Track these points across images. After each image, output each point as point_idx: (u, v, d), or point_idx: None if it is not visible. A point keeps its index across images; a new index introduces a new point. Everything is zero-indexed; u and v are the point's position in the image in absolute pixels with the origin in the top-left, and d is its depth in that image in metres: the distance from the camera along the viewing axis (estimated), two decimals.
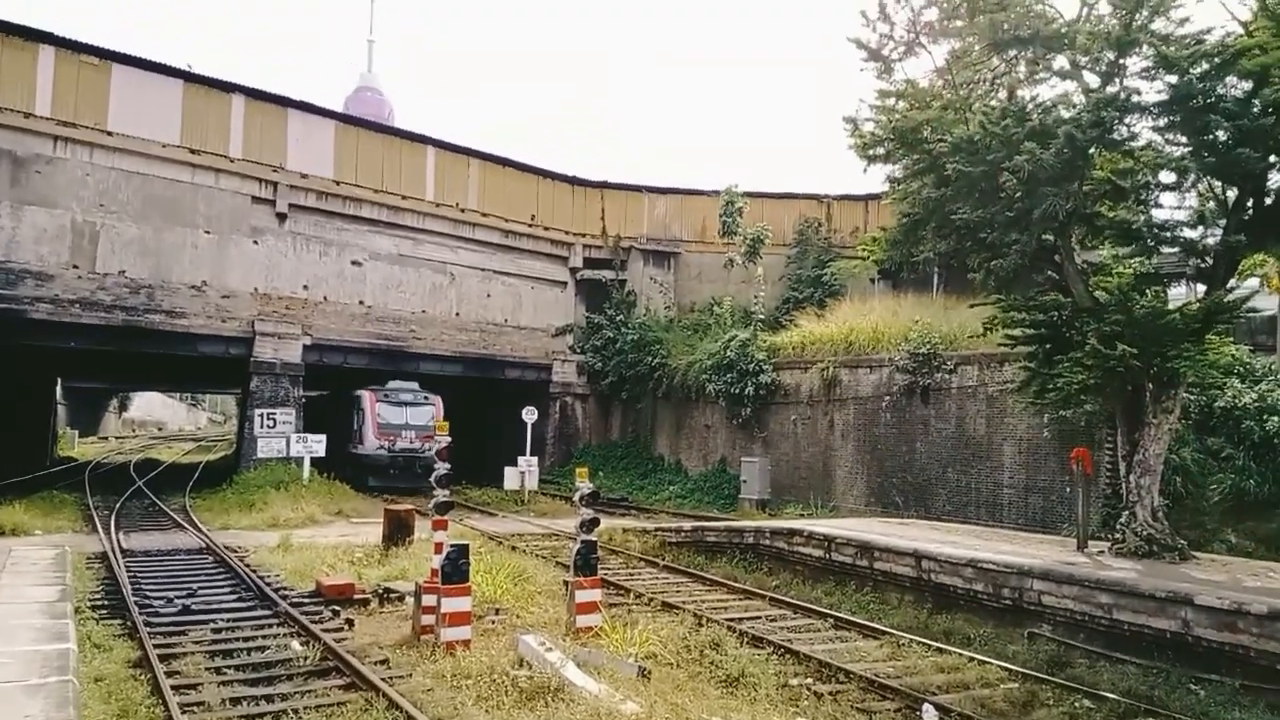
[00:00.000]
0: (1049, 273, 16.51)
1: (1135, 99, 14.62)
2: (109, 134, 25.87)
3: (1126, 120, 15.04)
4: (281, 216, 29.01)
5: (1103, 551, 14.37)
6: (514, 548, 18.55)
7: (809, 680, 9.97)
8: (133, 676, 9.31)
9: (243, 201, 28.37)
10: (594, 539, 12.18)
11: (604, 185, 38.12)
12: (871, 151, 18.71)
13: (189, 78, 27.88)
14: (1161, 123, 14.83)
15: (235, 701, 8.75)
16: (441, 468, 12.11)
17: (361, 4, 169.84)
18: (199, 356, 28.70)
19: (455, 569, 10.88)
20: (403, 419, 30.73)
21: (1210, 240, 15.22)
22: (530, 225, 35.64)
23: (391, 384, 31.87)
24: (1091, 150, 14.89)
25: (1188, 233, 15.60)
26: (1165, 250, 16.32)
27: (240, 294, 28.17)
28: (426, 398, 31.74)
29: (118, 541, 18.34)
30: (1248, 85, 13.69)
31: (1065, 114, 15.55)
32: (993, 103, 16.96)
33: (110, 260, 25.94)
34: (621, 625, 11.43)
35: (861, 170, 19.74)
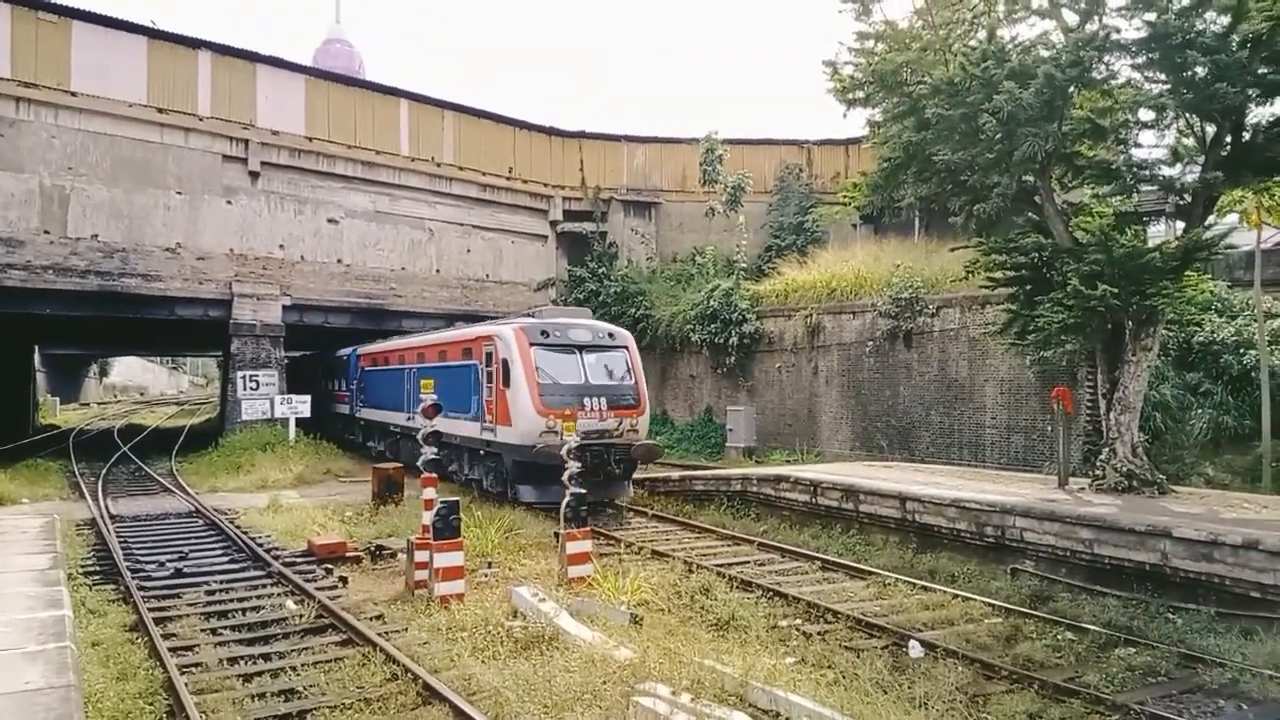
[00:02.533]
0: (1029, 214, 16.56)
1: (1114, 37, 14.53)
2: (73, 94, 25.23)
3: (1105, 59, 14.97)
4: (254, 175, 28.53)
5: (1083, 488, 14.63)
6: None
7: (798, 621, 10.17)
8: (129, 640, 9.38)
9: (214, 161, 27.85)
10: (583, 491, 12.30)
11: (582, 135, 37.64)
12: (851, 95, 18.55)
13: (153, 34, 27.14)
14: (1140, 60, 14.76)
15: (233, 661, 8.84)
16: (428, 425, 12.14)
17: None
18: (177, 320, 28.39)
19: (446, 524, 10.98)
20: (580, 374, 17.98)
21: (1189, 177, 15.27)
22: (509, 178, 35.22)
23: (546, 310, 20.43)
24: (1071, 90, 14.83)
25: (1166, 171, 15.64)
26: (1144, 189, 16.37)
27: (216, 255, 27.79)
28: (611, 335, 19.15)
29: (106, 507, 18.35)
30: (1225, 20, 13.62)
31: (1045, 54, 15.46)
32: (972, 43, 16.80)
33: (82, 224, 25.49)
34: (613, 574, 11.59)
35: (842, 115, 19.50)
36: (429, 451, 12.02)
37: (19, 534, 14.25)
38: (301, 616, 10.32)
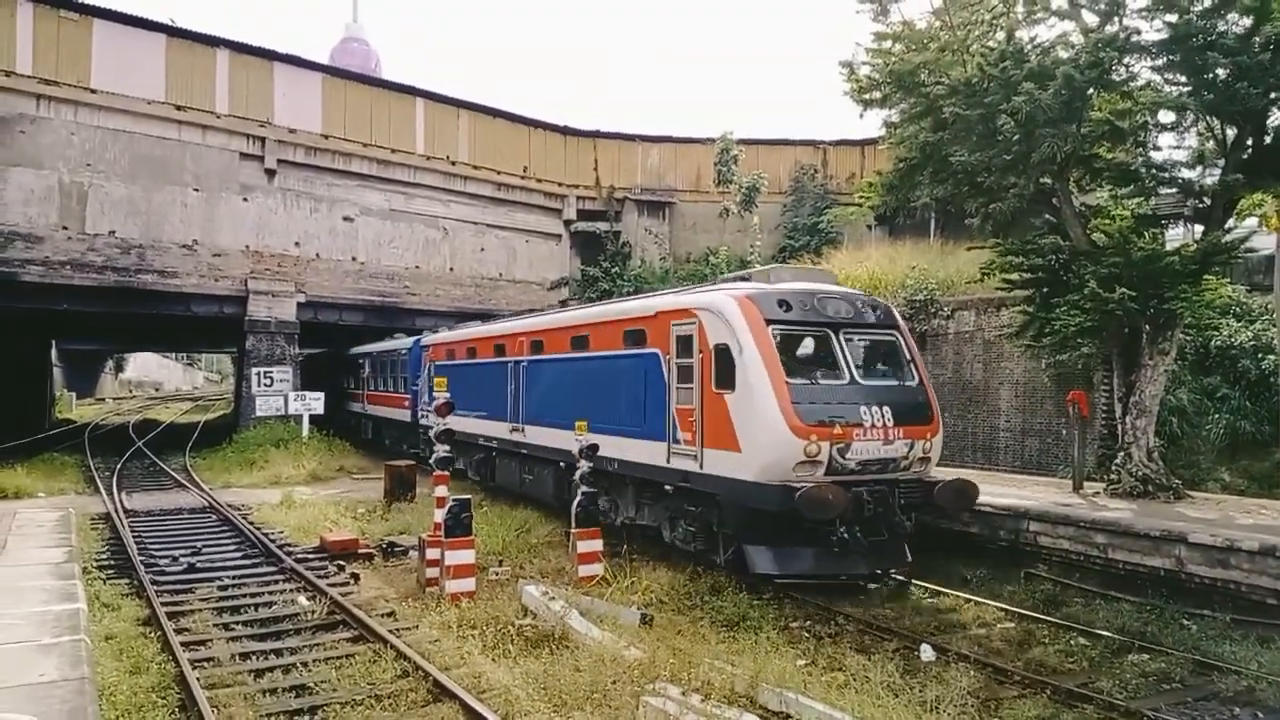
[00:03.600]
0: (1047, 216, 16.45)
1: (1134, 38, 14.42)
2: (92, 91, 25.43)
3: (1125, 60, 14.86)
4: (270, 173, 28.67)
5: (1098, 493, 14.51)
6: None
7: (809, 623, 10.12)
8: (142, 634, 9.43)
9: (231, 158, 28.01)
10: (595, 490, 12.29)
11: (596, 135, 37.64)
12: (868, 96, 18.47)
13: (172, 32, 27.34)
14: (1160, 62, 14.64)
15: (245, 656, 8.87)
16: (440, 423, 12.17)
17: None
18: (193, 316, 28.56)
19: (458, 522, 11.00)
20: (844, 370, 11.58)
21: (1209, 180, 15.13)
22: (523, 177, 35.26)
23: (760, 269, 14.32)
24: (1090, 91, 14.73)
25: (1186, 173, 15.51)
26: (1163, 191, 16.24)
27: (232, 252, 27.95)
28: (875, 308, 12.60)
29: (120, 502, 18.47)
30: (1248, 21, 13.49)
31: (1064, 55, 15.34)
32: (991, 44, 16.69)
33: (100, 220, 25.68)
34: (623, 574, 11.57)
35: (858, 115, 19.43)
36: (440, 449, 12.04)
37: (35, 527, 14.37)
38: (313, 613, 10.35)
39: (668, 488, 12.54)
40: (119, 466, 25.20)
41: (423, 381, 22.63)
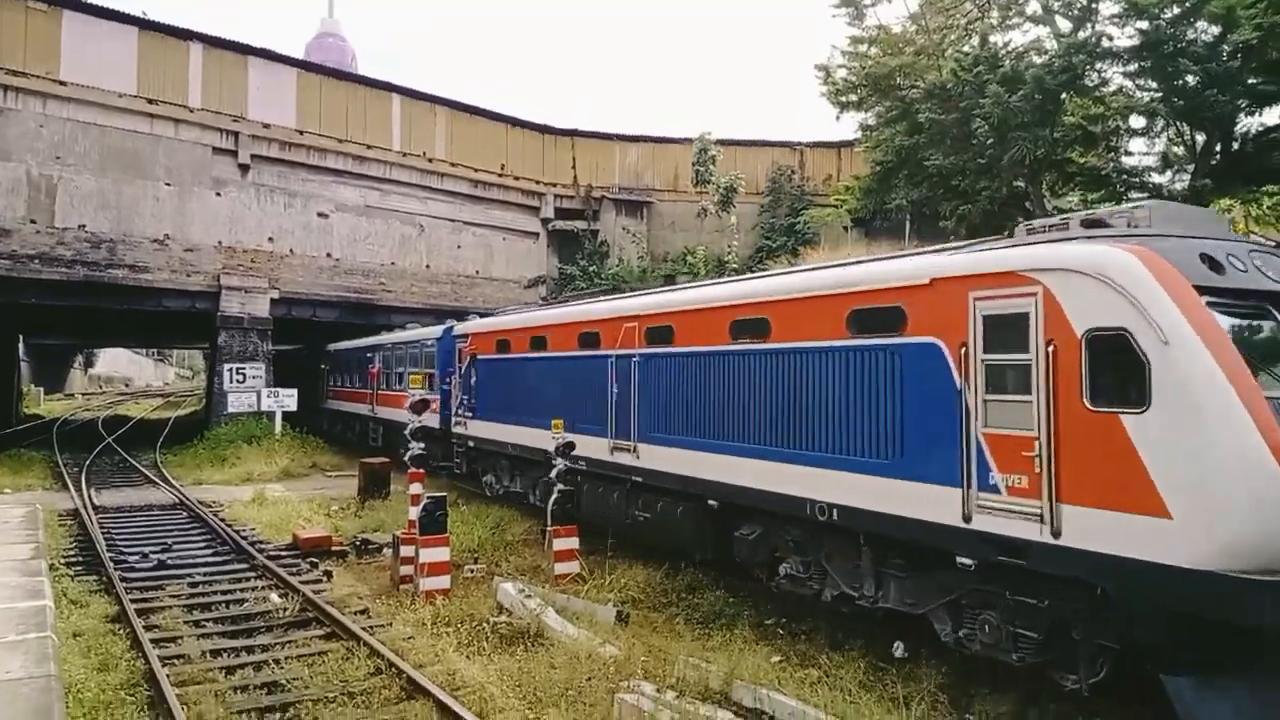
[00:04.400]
0: (1020, 219, 16.66)
1: (1106, 44, 14.66)
2: (62, 84, 25.05)
3: (1098, 65, 15.10)
4: (244, 168, 28.38)
5: None
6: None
7: (783, 620, 10.18)
8: (111, 631, 9.31)
9: (204, 153, 27.70)
10: (570, 488, 12.29)
11: (574, 134, 37.61)
12: (844, 99, 18.67)
13: (144, 25, 26.99)
14: (1132, 68, 14.91)
15: (216, 653, 8.79)
16: (415, 420, 12.12)
17: None
18: (164, 311, 28.24)
19: (433, 520, 10.96)
20: None
21: (1178, 185, 15.42)
22: (500, 175, 35.16)
23: (1142, 209, 7.58)
24: (1062, 95, 14.95)
25: (1156, 178, 15.81)
26: (1134, 195, 16.52)
27: (204, 247, 27.64)
28: None
29: (89, 498, 18.22)
30: (1216, 29, 13.74)
31: (1037, 59, 15.57)
32: (966, 49, 16.90)
33: (70, 214, 25.30)
34: (600, 571, 11.58)
35: (834, 118, 19.64)
36: (415, 447, 11.99)
37: (1, 523, 14.14)
38: (285, 610, 10.26)
39: (964, 562, 7.51)
40: (88, 462, 24.82)
41: (456, 380, 19.11)
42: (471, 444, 17.82)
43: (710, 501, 10.64)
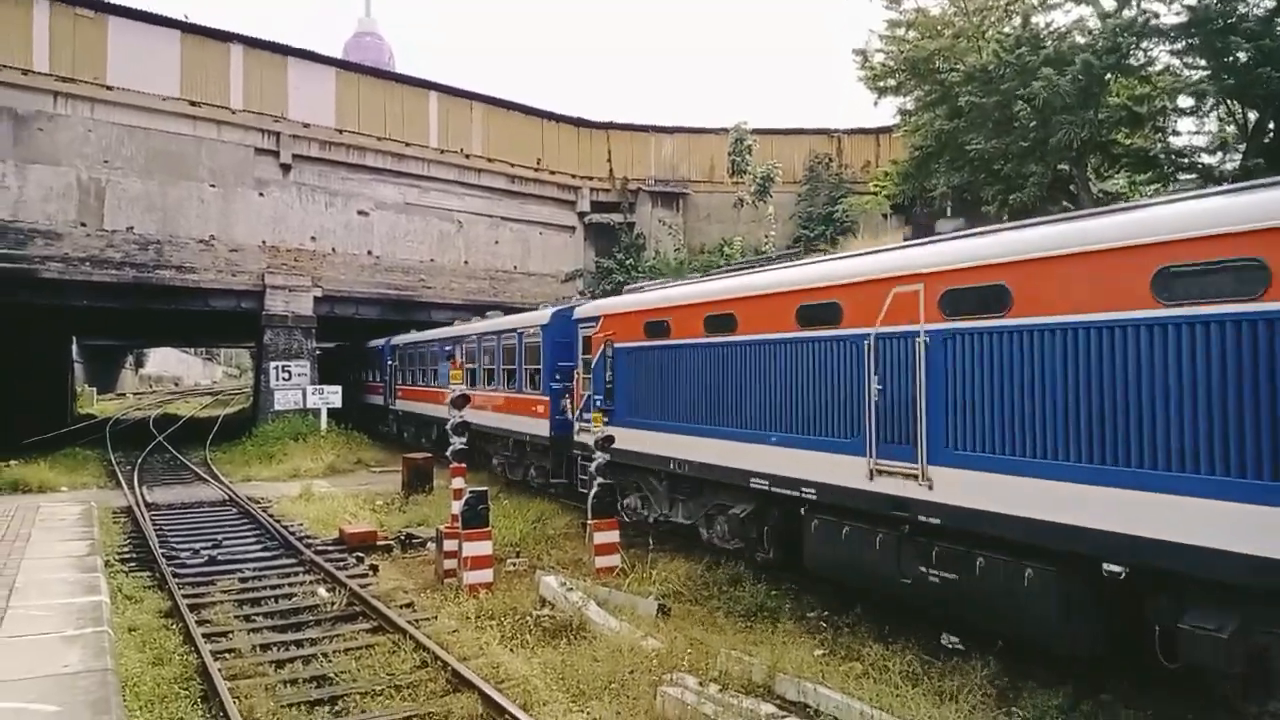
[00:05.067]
0: (1064, 203, 16.32)
1: (1153, 22, 14.28)
2: (109, 88, 25.61)
3: (1143, 45, 14.71)
4: (286, 167, 28.80)
5: None
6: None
7: (826, 613, 10.10)
8: (164, 626, 9.52)
9: (246, 153, 28.15)
10: (611, 482, 12.30)
11: (610, 126, 37.59)
12: (882, 83, 18.43)
13: (186, 28, 27.49)
14: (1180, 46, 14.51)
15: (265, 647, 8.94)
16: (456, 416, 12.21)
17: None
18: (211, 311, 28.79)
19: (475, 514, 11.04)
20: None
21: (1229, 165, 14.98)
22: (536, 169, 35.28)
23: None
24: (1108, 76, 14.59)
25: (1206, 159, 15.39)
26: (1183, 177, 16.09)
27: (248, 247, 28.11)
28: None
29: (142, 496, 18.65)
30: (1270, 3, 13.31)
31: (1080, 40, 15.21)
32: (1006, 30, 16.57)
33: (118, 217, 25.88)
34: (641, 565, 11.58)
35: (872, 103, 19.40)
36: (457, 442, 12.08)
37: (58, 521, 14.54)
38: (333, 604, 10.42)
39: None
40: (140, 460, 25.43)
41: (580, 375, 14.98)
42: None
43: (1109, 566, 6.59)
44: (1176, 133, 16.01)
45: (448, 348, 23.26)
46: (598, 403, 13.60)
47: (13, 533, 13.37)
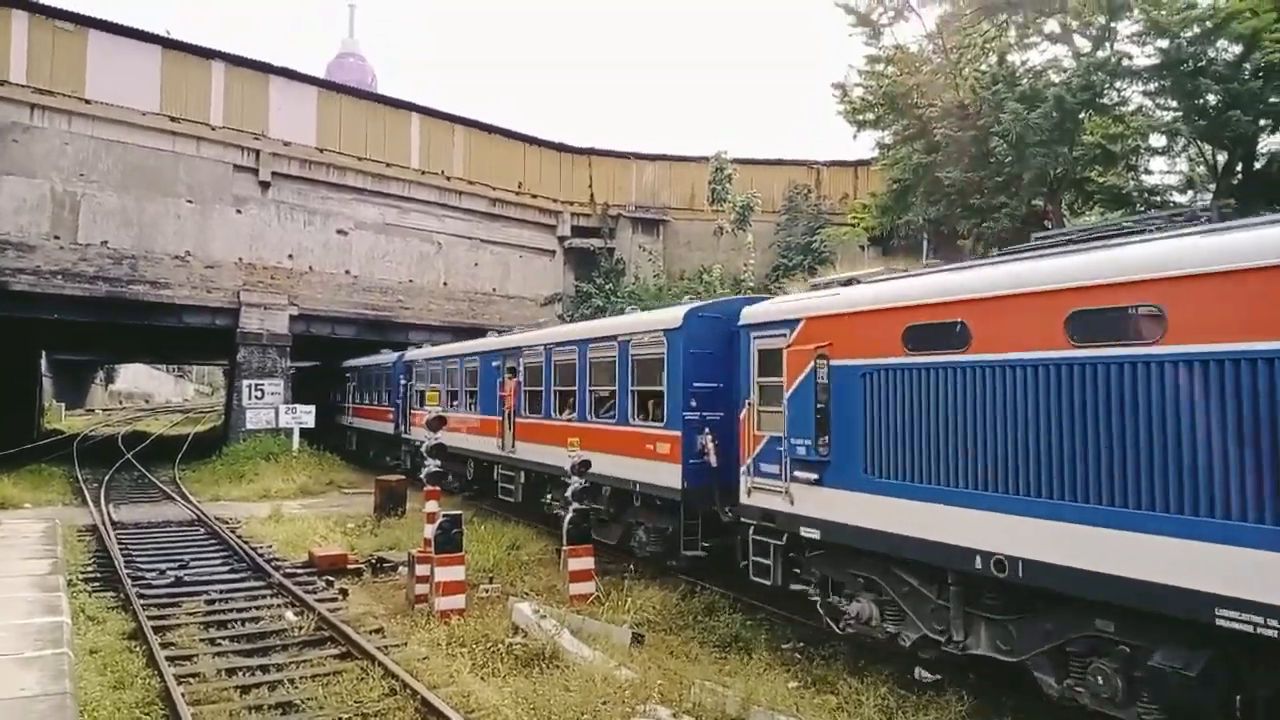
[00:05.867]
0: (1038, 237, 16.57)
1: (1126, 63, 14.59)
2: (87, 102, 25.42)
3: (1117, 84, 15.03)
4: (265, 185, 28.66)
5: None
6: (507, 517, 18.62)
7: (801, 644, 10.06)
8: (128, 648, 9.31)
9: (225, 170, 28.00)
10: (585, 508, 12.23)
11: (591, 152, 37.79)
12: (861, 117, 18.65)
13: (167, 44, 27.38)
14: (1152, 87, 14.83)
15: (231, 672, 8.76)
16: (431, 438, 12.12)
17: None
18: (184, 327, 28.46)
19: (448, 538, 10.92)
20: None
21: (1200, 204, 15.26)
22: (517, 193, 35.34)
23: None
24: (1081, 114, 14.87)
25: (1178, 197, 15.67)
26: (1154, 214, 16.40)
27: (225, 264, 27.88)
28: None
29: (108, 514, 18.31)
30: (1238, 49, 13.65)
31: (1056, 78, 15.51)
32: (983, 67, 16.87)
33: (92, 230, 25.60)
34: (616, 592, 11.50)
35: (851, 136, 19.64)
36: (431, 464, 11.98)
37: (20, 538, 14.23)
38: (301, 628, 10.24)
39: None
40: (107, 478, 24.98)
41: (752, 407, 10.25)
42: (812, 531, 9.04)
43: None
44: (1149, 171, 16.33)
45: (494, 362, 18.53)
46: (801, 451, 9.14)
47: None
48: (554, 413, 15.45)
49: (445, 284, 33.40)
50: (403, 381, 25.17)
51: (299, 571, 13.43)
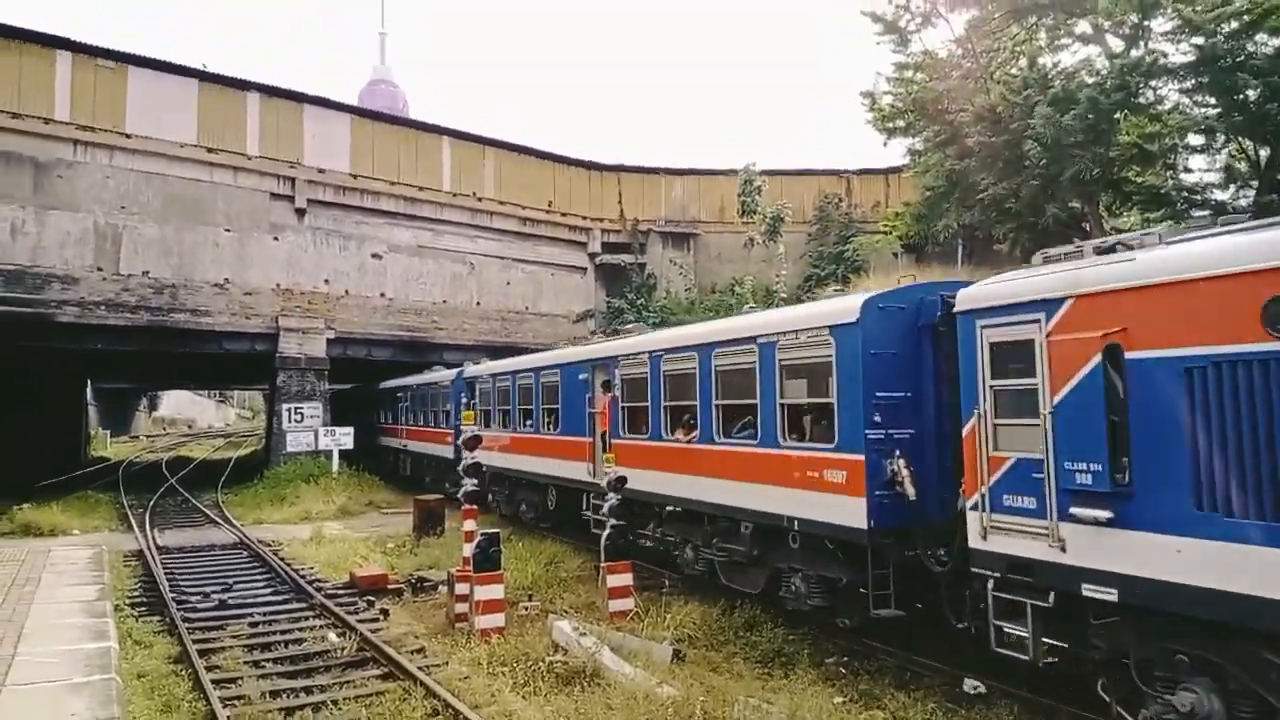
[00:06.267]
0: (1077, 241, 16.30)
1: (1161, 62, 14.35)
2: (127, 136, 26.03)
3: (1152, 83, 14.78)
4: (300, 212, 29.12)
5: None
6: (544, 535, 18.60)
7: (845, 659, 9.91)
8: (174, 672, 9.41)
9: (261, 198, 28.49)
10: (624, 523, 12.17)
11: (620, 168, 37.96)
12: (890, 124, 18.54)
13: (204, 77, 27.99)
14: (1189, 84, 14.57)
15: (275, 694, 8.81)
16: (469, 457, 12.16)
17: None
18: (225, 353, 28.92)
19: (486, 557, 10.92)
20: None
21: (1242, 201, 14.94)
22: (548, 212, 35.57)
23: None
24: (1116, 114, 14.64)
25: (1219, 194, 15.34)
26: (1196, 214, 16.06)
27: (263, 290, 28.32)
28: None
29: (153, 539, 18.59)
30: (1277, 42, 13.37)
31: (1089, 80, 15.29)
32: (1014, 71, 16.68)
33: (134, 261, 26.14)
34: (655, 608, 11.42)
35: (881, 144, 19.50)
36: (468, 484, 12.02)
37: (68, 565, 14.47)
38: (343, 649, 10.28)
39: None
40: (152, 503, 25.39)
41: (988, 417, 7.74)
42: (1103, 590, 6.59)
43: None
44: (1188, 169, 16.02)
45: (581, 374, 15.93)
46: (1082, 480, 6.70)
47: (23, 577, 13.30)
48: (664, 432, 13.02)
49: (478, 303, 33.65)
50: (464, 400, 22.70)
51: (340, 592, 13.51)
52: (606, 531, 11.96)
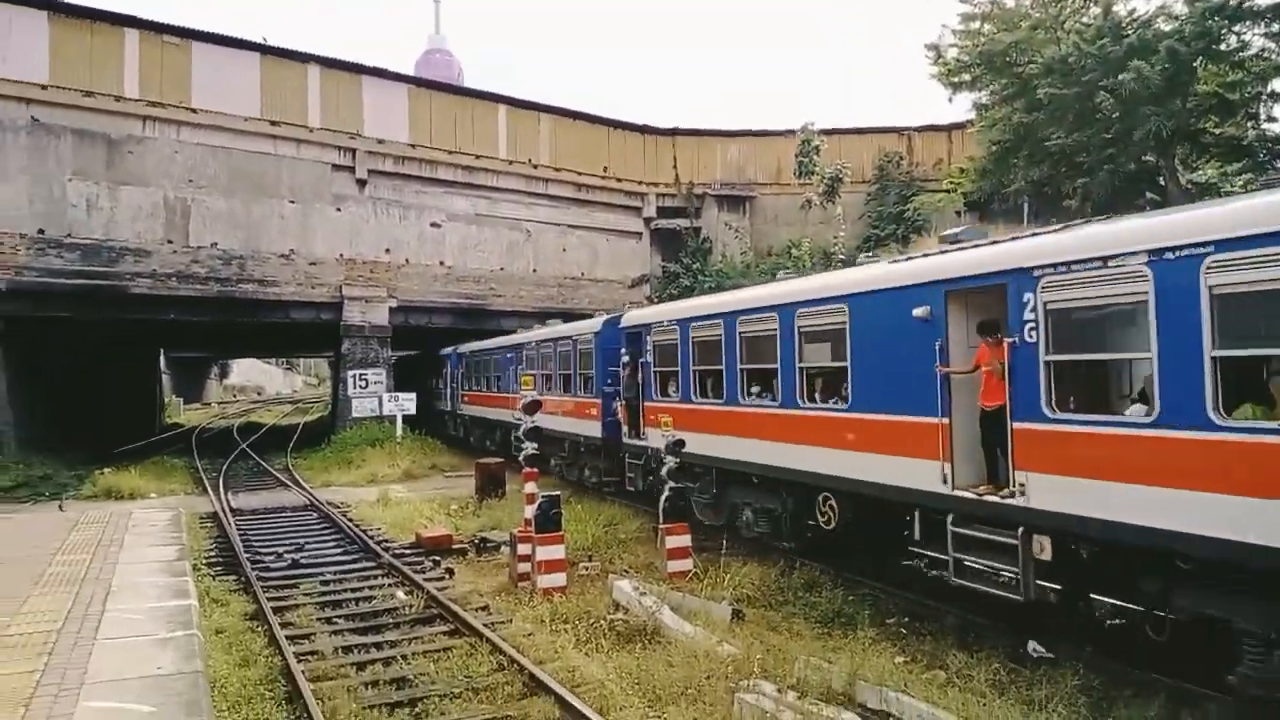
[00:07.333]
0: (1151, 195, 15.72)
1: (1246, 4, 13.65)
2: (193, 111, 26.60)
3: (1235, 28, 14.07)
4: (361, 183, 29.52)
5: None
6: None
7: (907, 619, 9.85)
8: (250, 629, 9.78)
9: (323, 170, 28.95)
10: (682, 486, 12.23)
11: (675, 132, 37.60)
12: (956, 79, 18.04)
13: (265, 51, 28.41)
14: (1275, 28, 13.82)
15: (347, 650, 9.10)
16: (529, 421, 12.31)
17: None
18: (291, 322, 29.63)
19: (548, 518, 11.08)
20: None
21: None
22: (603, 177, 35.47)
23: None
24: (1196, 63, 13.99)
25: None
26: (1279, 165, 15.36)
27: (327, 260, 28.87)
28: None
29: (227, 501, 19.25)
30: None
31: (1165, 27, 14.63)
32: (1086, 20, 16.03)
33: (202, 234, 26.84)
34: (713, 569, 11.48)
35: (946, 99, 19.02)
36: (529, 447, 12.18)
37: (149, 526, 15.10)
38: (411, 607, 10.57)
39: None
40: (225, 467, 26.28)
41: None
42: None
43: None
44: (1272, 119, 15.27)
45: (916, 309, 9.10)
46: None
47: (108, 538, 13.92)
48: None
49: (535, 270, 33.83)
50: (626, 361, 16.93)
51: (407, 552, 13.86)
52: (665, 494, 12.03)
